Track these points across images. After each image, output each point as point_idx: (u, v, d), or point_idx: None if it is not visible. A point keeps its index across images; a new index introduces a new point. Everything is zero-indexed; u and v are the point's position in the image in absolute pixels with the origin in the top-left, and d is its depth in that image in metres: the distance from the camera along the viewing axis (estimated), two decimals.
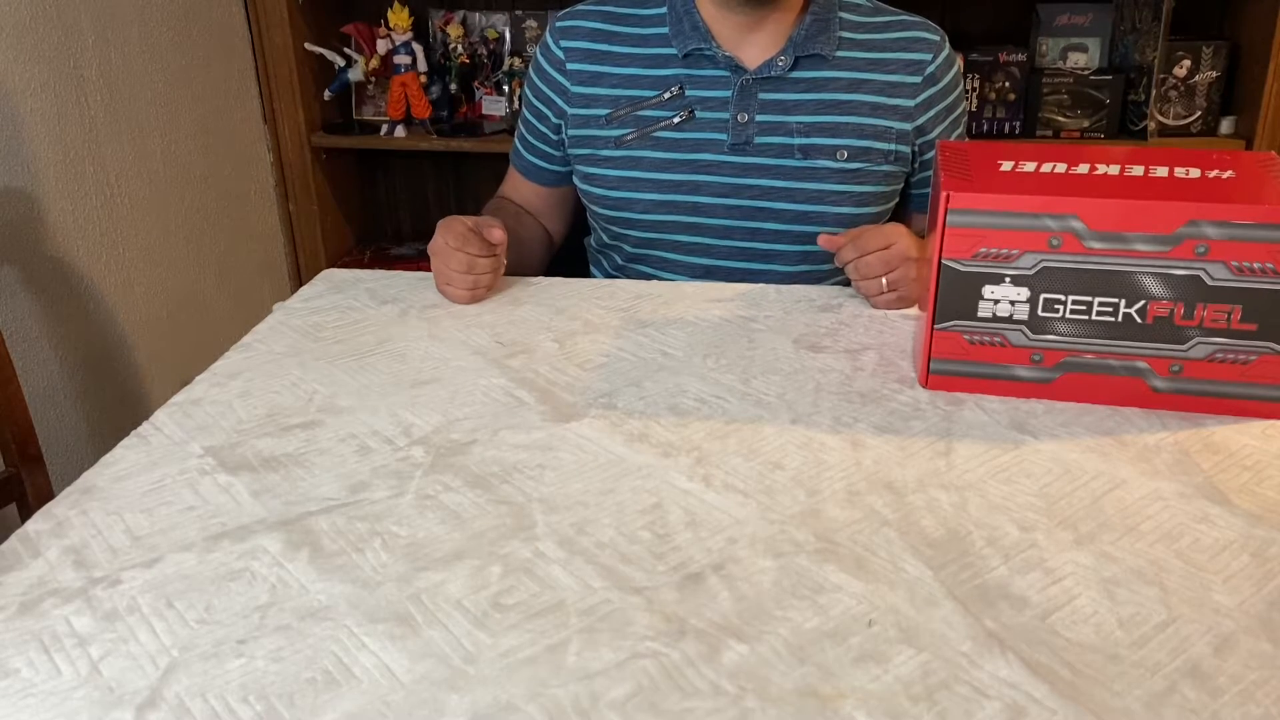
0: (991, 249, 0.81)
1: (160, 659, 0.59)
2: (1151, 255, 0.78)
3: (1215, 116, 2.04)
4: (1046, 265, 0.80)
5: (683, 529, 0.70)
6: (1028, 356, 0.84)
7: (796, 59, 1.14)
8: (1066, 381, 0.84)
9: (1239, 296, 0.79)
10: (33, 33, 1.54)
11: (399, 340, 0.99)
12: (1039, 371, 0.85)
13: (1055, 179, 0.82)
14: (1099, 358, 0.83)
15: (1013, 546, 0.68)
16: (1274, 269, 0.78)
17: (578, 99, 1.19)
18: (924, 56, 1.16)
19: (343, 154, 2.32)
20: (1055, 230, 0.79)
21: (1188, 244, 0.78)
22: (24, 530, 0.71)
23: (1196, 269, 0.78)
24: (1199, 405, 0.83)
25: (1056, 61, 2.12)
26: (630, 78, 1.17)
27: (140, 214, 1.79)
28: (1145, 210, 0.78)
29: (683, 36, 1.15)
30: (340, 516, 0.72)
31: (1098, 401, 0.84)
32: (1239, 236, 0.77)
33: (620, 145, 1.17)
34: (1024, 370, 0.85)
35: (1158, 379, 0.83)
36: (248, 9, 2.10)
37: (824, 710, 0.54)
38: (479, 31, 2.26)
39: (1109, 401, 0.84)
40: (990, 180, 0.82)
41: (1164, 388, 0.83)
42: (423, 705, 0.55)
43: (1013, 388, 0.86)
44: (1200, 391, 0.82)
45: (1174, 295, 0.80)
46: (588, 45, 1.19)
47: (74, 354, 1.64)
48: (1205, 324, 0.80)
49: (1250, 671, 0.57)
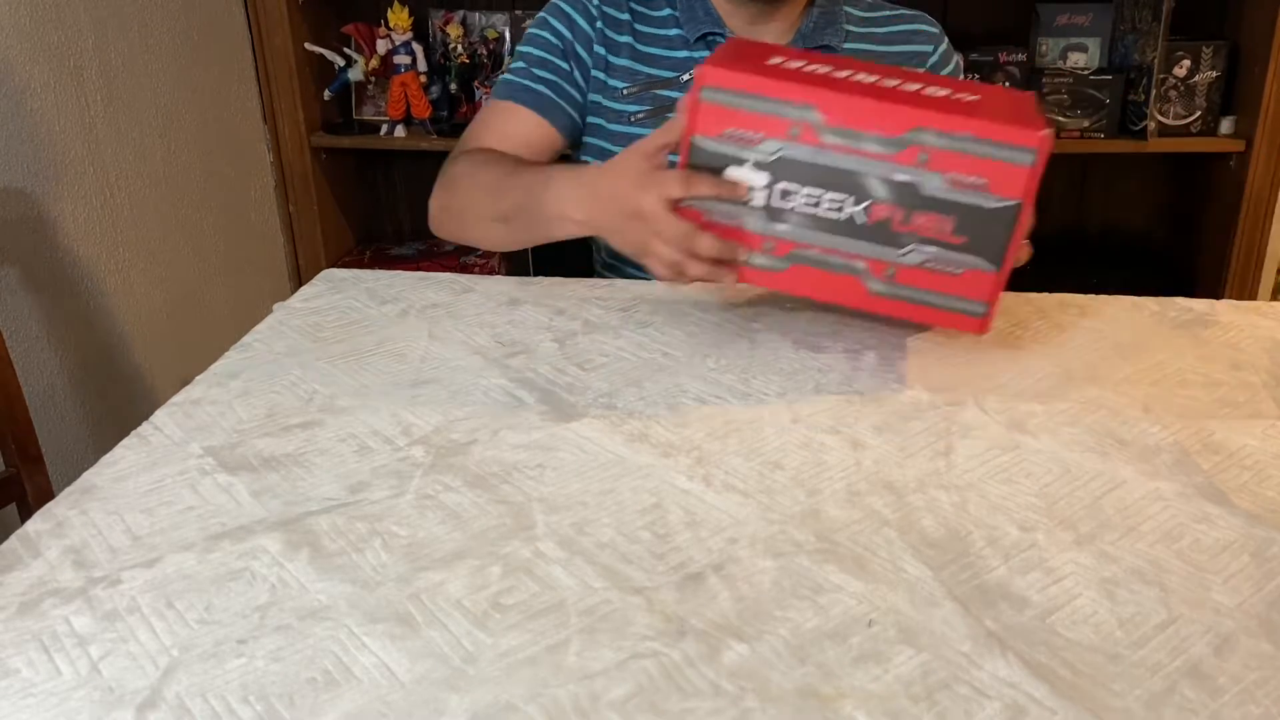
0: (738, 130, 0.83)
1: (160, 659, 0.59)
2: (879, 157, 0.81)
3: (1215, 116, 2.04)
4: (785, 155, 0.83)
5: (683, 529, 0.70)
6: (760, 243, 0.87)
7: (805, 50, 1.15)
8: (794, 274, 0.88)
9: (953, 209, 0.82)
10: (33, 33, 1.54)
11: (399, 340, 0.99)
12: (771, 260, 0.88)
13: (810, 76, 0.85)
14: (824, 253, 0.86)
15: (1013, 546, 0.68)
16: (986, 185, 0.81)
17: (600, 59, 1.18)
18: (925, 48, 1.18)
19: (343, 154, 2.32)
20: (795, 120, 0.82)
21: (912, 150, 0.81)
22: (24, 530, 0.71)
23: (918, 176, 0.81)
24: (908, 311, 0.88)
25: (1056, 61, 2.12)
26: (651, 56, 1.18)
27: (140, 214, 1.79)
28: (877, 111, 0.81)
29: (695, 21, 1.17)
30: (340, 516, 0.72)
31: (818, 298, 0.90)
32: (956, 148, 0.80)
33: (633, 122, 1.17)
34: (758, 257, 0.88)
35: (874, 281, 0.87)
36: (248, 9, 2.10)
37: (824, 710, 0.54)
38: (479, 31, 2.26)
39: (828, 299, 0.90)
40: (748, 66, 0.85)
41: (878, 290, 0.87)
42: (423, 705, 0.55)
43: (746, 274, 0.89)
44: (910, 298, 0.87)
45: (895, 199, 0.83)
46: (614, 12, 1.19)
47: (74, 354, 1.64)
48: (921, 232, 0.83)
49: (1250, 671, 0.57)
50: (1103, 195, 2.34)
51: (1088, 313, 1.04)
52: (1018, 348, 0.97)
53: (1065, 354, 0.95)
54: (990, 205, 0.81)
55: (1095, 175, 2.32)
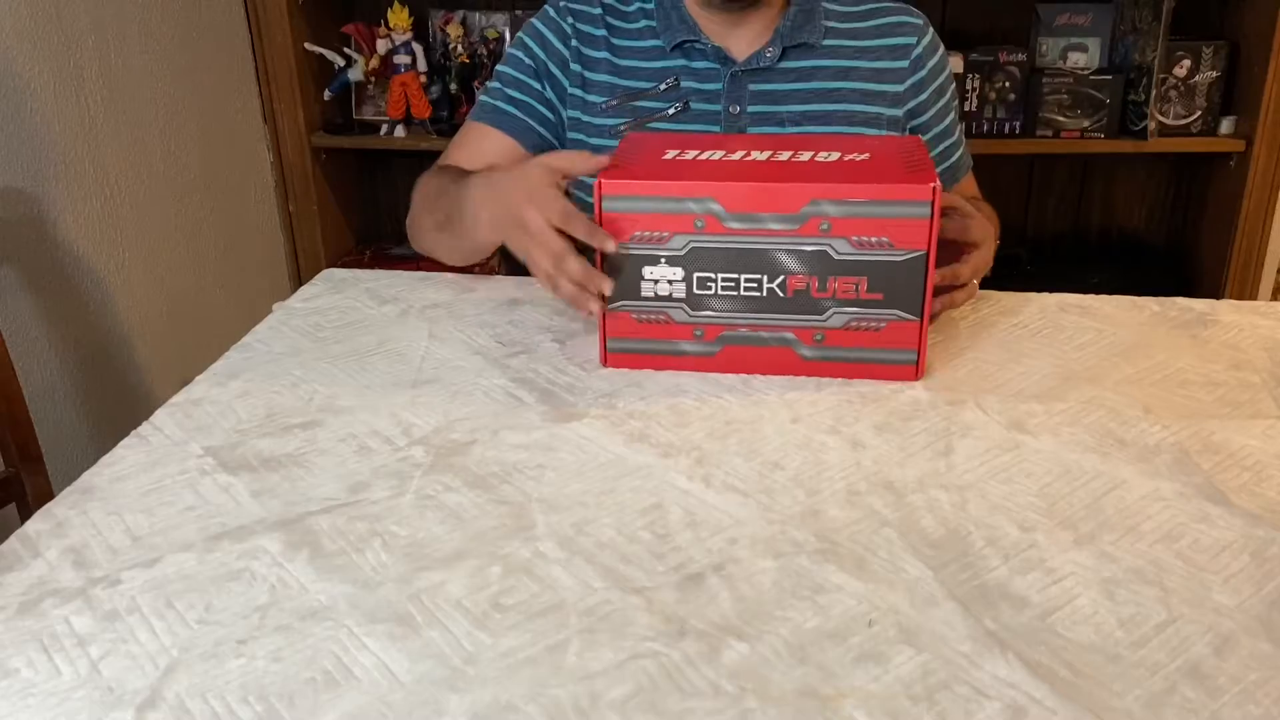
0: (645, 231, 0.87)
1: (160, 659, 0.59)
2: (784, 233, 0.85)
3: (1215, 116, 2.04)
4: (695, 246, 0.87)
5: (683, 529, 0.70)
6: (690, 332, 0.91)
7: (784, 49, 1.15)
8: (727, 354, 0.91)
9: (864, 269, 0.86)
10: (33, 33, 1.54)
11: (399, 340, 0.99)
12: (702, 345, 0.91)
13: (702, 165, 0.89)
14: (752, 330, 0.90)
15: (1013, 546, 0.68)
16: (889, 243, 0.84)
17: (576, 77, 1.19)
18: (908, 40, 1.17)
19: (343, 154, 2.32)
20: (697, 213, 0.85)
21: (813, 222, 0.84)
22: (24, 530, 0.71)
23: (823, 244, 0.85)
24: (842, 371, 0.90)
25: (1056, 61, 2.12)
26: (629, 69, 1.18)
27: (140, 214, 1.79)
28: (773, 192, 0.85)
29: (671, 30, 1.16)
30: (340, 516, 0.72)
31: (755, 372, 0.91)
32: (855, 214, 0.84)
33: (614, 135, 1.17)
34: (689, 345, 0.91)
35: (805, 348, 0.90)
36: (248, 9, 2.10)
37: (824, 710, 0.54)
38: (479, 31, 2.26)
39: (765, 371, 0.91)
40: (645, 168, 0.89)
41: (811, 355, 0.90)
42: (423, 705, 0.55)
43: (681, 362, 0.92)
44: (842, 358, 0.90)
45: (808, 269, 0.86)
46: (589, 29, 1.20)
47: (74, 354, 1.64)
48: (838, 295, 0.87)
49: (1250, 671, 0.57)
50: (1103, 195, 2.34)
51: (1088, 313, 1.04)
52: (1018, 348, 0.97)
53: (1065, 354, 0.95)
54: (898, 259, 0.85)
55: (1095, 175, 2.32)
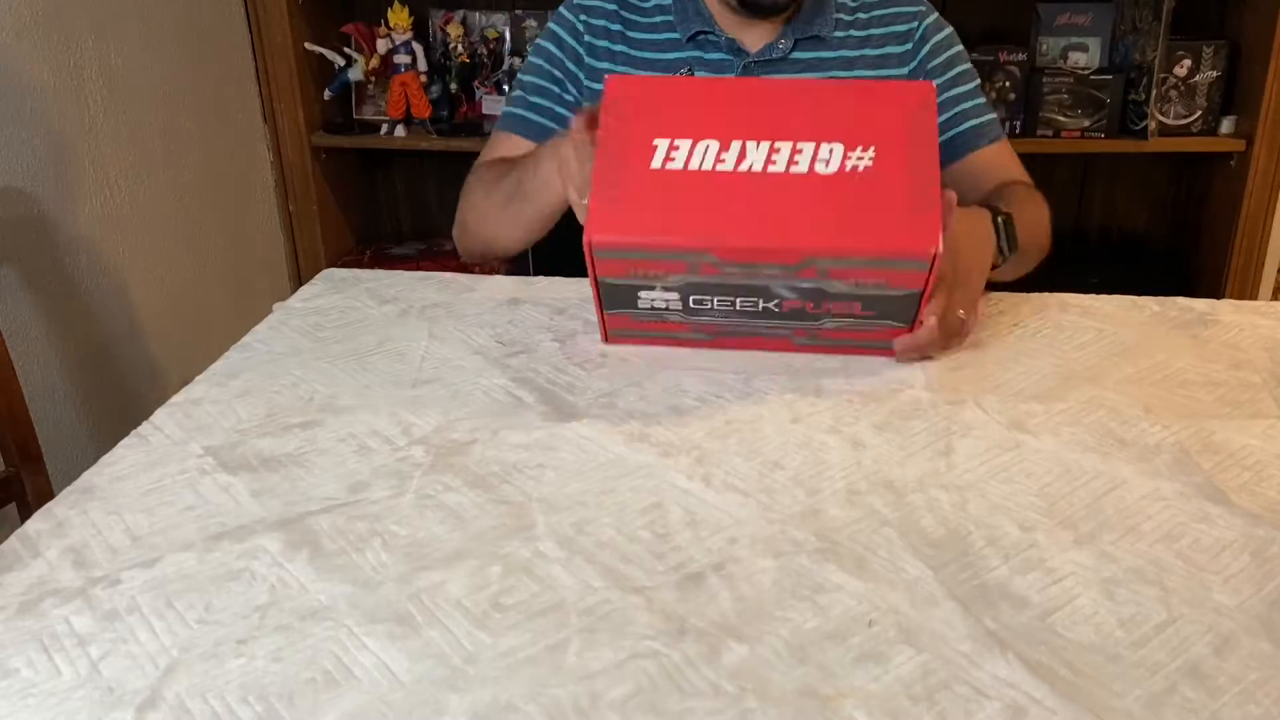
0: (640, 271, 0.86)
1: (160, 659, 0.59)
2: (781, 276, 0.85)
3: (1215, 116, 2.04)
4: (690, 282, 0.86)
5: (683, 529, 0.70)
6: (688, 329, 0.94)
7: (796, 41, 1.19)
8: (725, 342, 0.95)
9: (860, 298, 0.86)
10: (33, 33, 1.54)
11: (399, 340, 0.99)
12: (701, 335, 0.94)
13: (695, 193, 0.83)
14: (750, 330, 0.93)
15: (1013, 546, 0.68)
16: (885, 284, 0.84)
17: (593, 72, 1.22)
18: (909, 26, 1.22)
19: (343, 154, 2.32)
20: (692, 261, 0.84)
21: (810, 270, 0.83)
22: (24, 530, 0.71)
23: (821, 284, 0.85)
24: (833, 350, 0.94)
25: (1057, 61, 2.12)
26: (644, 60, 1.21)
27: (140, 214, 1.79)
28: (768, 251, 0.83)
29: (687, 21, 1.20)
30: (340, 516, 0.72)
31: (752, 348, 0.95)
32: (853, 265, 0.83)
33: None
34: (687, 334, 0.94)
35: (800, 339, 0.93)
36: (248, 9, 2.10)
37: (824, 710, 0.54)
38: (479, 31, 2.26)
39: (761, 348, 0.95)
40: (636, 198, 0.83)
41: (805, 342, 0.94)
42: (423, 705, 0.55)
43: (680, 343, 0.96)
44: (836, 344, 0.93)
45: (803, 298, 0.87)
46: (605, 24, 1.23)
47: (74, 354, 1.64)
48: (834, 312, 0.88)
49: (1250, 671, 0.57)
50: (1103, 195, 2.34)
51: (1088, 313, 1.04)
52: (1018, 348, 0.97)
53: (1065, 354, 0.95)
54: (895, 294, 0.85)
55: (1095, 175, 2.32)
